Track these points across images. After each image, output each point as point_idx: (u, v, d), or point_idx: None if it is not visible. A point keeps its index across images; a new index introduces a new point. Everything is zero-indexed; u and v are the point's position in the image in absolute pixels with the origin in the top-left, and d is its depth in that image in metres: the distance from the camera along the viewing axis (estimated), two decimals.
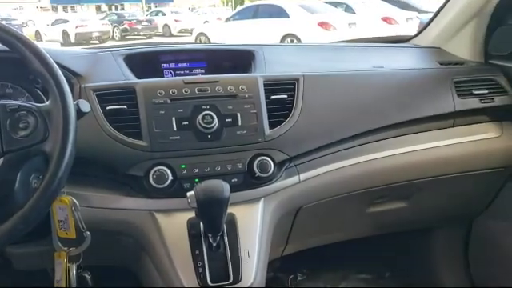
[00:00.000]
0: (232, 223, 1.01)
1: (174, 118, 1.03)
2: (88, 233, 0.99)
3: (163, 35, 18.13)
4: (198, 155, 1.03)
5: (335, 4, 10.88)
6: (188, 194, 0.90)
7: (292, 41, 9.17)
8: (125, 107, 1.03)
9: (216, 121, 1.03)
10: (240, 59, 1.28)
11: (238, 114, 1.06)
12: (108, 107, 1.02)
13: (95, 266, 1.09)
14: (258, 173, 1.04)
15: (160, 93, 1.04)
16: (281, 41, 9.13)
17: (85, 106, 0.87)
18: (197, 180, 1.01)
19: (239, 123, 1.05)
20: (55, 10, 31.49)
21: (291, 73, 1.17)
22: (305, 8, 9.88)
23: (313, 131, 1.13)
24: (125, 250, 1.19)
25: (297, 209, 1.22)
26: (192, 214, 0.98)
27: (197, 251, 0.98)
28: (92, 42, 14.99)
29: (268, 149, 1.06)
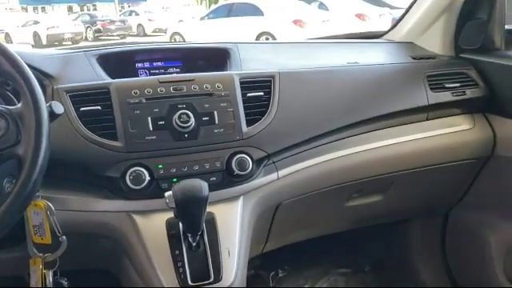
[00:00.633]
0: (211, 222, 1.00)
1: (150, 118, 1.01)
2: (64, 237, 0.97)
3: (137, 35, 17.88)
4: (176, 155, 1.02)
5: (309, 1, 10.96)
6: (166, 194, 0.89)
7: (267, 38, 9.19)
8: (99, 108, 1.01)
9: (192, 120, 1.02)
10: (215, 57, 1.28)
11: (215, 113, 1.05)
12: (82, 108, 1.00)
13: (74, 271, 1.07)
14: (237, 171, 1.04)
15: (135, 92, 1.03)
16: (256, 39, 9.13)
17: (58, 108, 0.85)
18: (175, 180, 1.00)
19: (216, 121, 1.05)
20: (25, 11, 30.74)
21: (267, 70, 1.18)
22: (279, 6, 9.92)
23: (290, 127, 1.14)
24: (104, 253, 1.17)
25: (276, 205, 1.22)
26: (171, 215, 0.97)
27: (176, 251, 0.97)
28: (64, 44, 14.65)
29: (246, 146, 1.06)
